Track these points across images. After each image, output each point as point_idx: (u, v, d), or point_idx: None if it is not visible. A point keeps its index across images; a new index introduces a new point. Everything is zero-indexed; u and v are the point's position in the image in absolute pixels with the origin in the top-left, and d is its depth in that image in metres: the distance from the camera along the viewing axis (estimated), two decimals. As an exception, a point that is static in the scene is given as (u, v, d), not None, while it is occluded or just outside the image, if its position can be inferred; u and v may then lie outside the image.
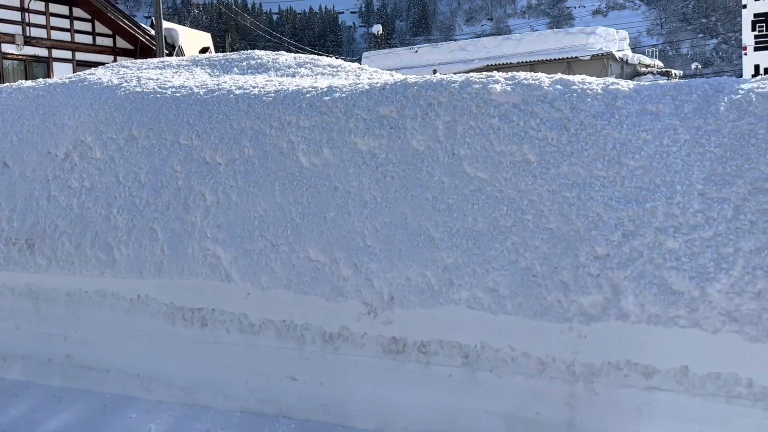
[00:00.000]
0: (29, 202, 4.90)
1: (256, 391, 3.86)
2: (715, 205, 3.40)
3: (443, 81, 4.56)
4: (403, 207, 3.92)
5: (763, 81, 4.12)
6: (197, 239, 4.25)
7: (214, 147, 4.66)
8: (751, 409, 3.00)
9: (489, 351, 3.45)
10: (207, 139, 4.72)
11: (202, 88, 5.30)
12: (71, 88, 5.71)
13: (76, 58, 21.34)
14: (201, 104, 5.03)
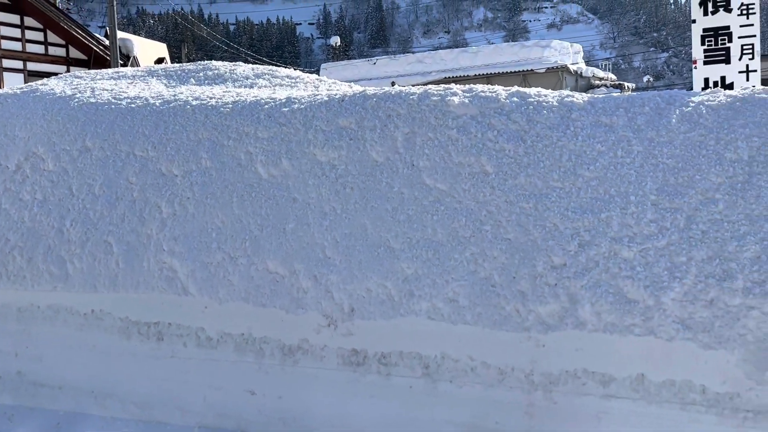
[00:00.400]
0: (-22, 216, 4.78)
1: (214, 406, 3.80)
2: (668, 215, 3.46)
3: (402, 93, 4.58)
4: (363, 218, 3.92)
5: (713, 94, 4.22)
6: (153, 252, 4.19)
7: (170, 158, 4.60)
8: (704, 415, 3.05)
9: (449, 361, 3.45)
10: (163, 151, 4.66)
11: (157, 98, 5.24)
12: (22, 98, 5.59)
13: (28, 68, 20.90)
14: (157, 115, 4.97)
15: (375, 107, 4.45)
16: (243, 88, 5.93)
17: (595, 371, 3.22)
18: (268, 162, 4.37)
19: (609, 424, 3.18)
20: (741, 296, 3.09)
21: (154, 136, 4.78)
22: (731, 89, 5.14)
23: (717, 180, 3.56)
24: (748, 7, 5.59)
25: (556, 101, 4.31)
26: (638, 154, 3.80)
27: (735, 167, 3.59)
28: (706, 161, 3.66)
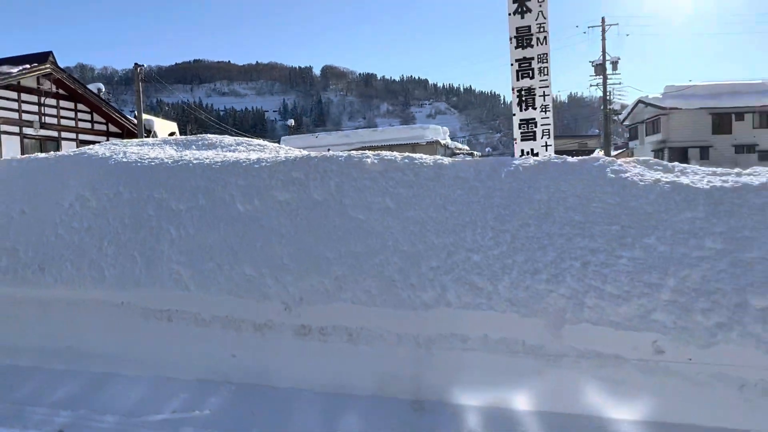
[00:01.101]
0: (41, 238, 4.44)
1: (208, 366, 3.63)
2: (500, 234, 3.56)
3: (334, 156, 4.58)
4: (308, 238, 3.87)
5: (526, 159, 4.40)
6: (165, 262, 3.99)
7: (178, 198, 4.43)
8: (524, 359, 3.09)
9: (366, 331, 3.42)
10: (173, 193, 4.49)
11: (169, 159, 5.04)
12: (75, 158, 5.30)
13: (79, 138, 19.68)
14: (169, 170, 4.78)
15: (316, 165, 4.43)
16: (228, 152, 5.79)
17: (457, 333, 3.24)
18: (244, 201, 4.27)
19: (466, 367, 3.20)
20: (545, 284, 3.19)
21: (167, 183, 4.59)
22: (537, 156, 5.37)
23: (529, 212, 3.69)
24: (545, 107, 5.89)
25: (431, 162, 4.40)
26: (482, 196, 3.91)
27: (540, 204, 3.73)
28: (522, 201, 3.79)
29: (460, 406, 3.08)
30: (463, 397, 3.11)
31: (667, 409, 2.82)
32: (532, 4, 5.88)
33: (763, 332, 2.76)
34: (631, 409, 2.86)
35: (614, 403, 2.89)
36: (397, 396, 3.23)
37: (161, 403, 3.33)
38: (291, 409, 3.23)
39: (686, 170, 4.04)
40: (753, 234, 3.16)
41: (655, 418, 2.83)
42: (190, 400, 3.37)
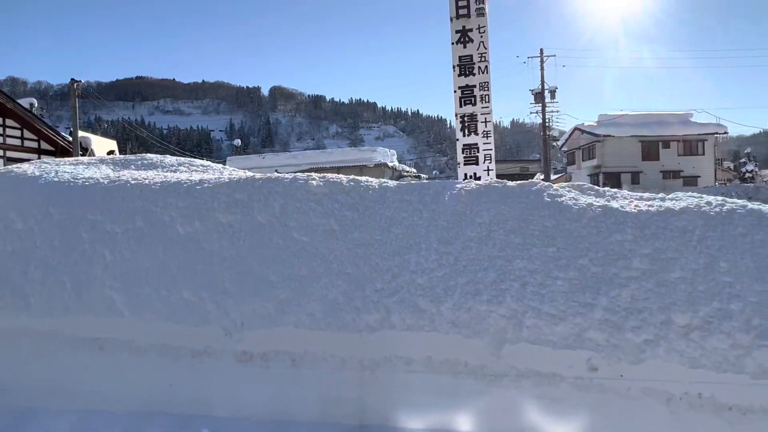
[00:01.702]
0: (-45, 263, 4.11)
1: (142, 396, 3.43)
2: (443, 257, 3.62)
3: (279, 178, 4.54)
4: (252, 261, 3.79)
5: (468, 183, 4.53)
6: (98, 288, 3.79)
7: (114, 220, 4.24)
8: (466, 380, 3.13)
9: (309, 355, 3.36)
10: (108, 215, 4.29)
11: (105, 179, 4.84)
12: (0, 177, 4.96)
13: (7, 156, 18.47)
14: (105, 190, 4.58)
15: (260, 186, 4.37)
16: (169, 172, 5.61)
17: (401, 356, 3.24)
18: (184, 223, 4.14)
19: (411, 389, 3.19)
20: (486, 305, 3.26)
21: (102, 204, 4.39)
22: (479, 180, 5.54)
23: (471, 234, 3.78)
24: (487, 133, 6.11)
25: (377, 185, 4.44)
26: (426, 219, 3.97)
27: (482, 227, 3.83)
28: (465, 223, 3.88)
29: (405, 429, 3.07)
30: (408, 421, 3.10)
31: (602, 424, 2.92)
32: (474, 34, 6.13)
33: (686, 348, 2.93)
34: (568, 426, 2.94)
35: (552, 421, 2.96)
36: (341, 421, 3.18)
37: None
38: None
39: (616, 195, 4.28)
40: (675, 255, 3.38)
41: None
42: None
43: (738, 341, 2.89)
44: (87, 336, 3.67)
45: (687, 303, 3.08)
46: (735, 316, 2.99)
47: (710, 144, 36.09)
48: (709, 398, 2.83)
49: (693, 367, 2.87)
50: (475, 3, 6.12)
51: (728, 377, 2.82)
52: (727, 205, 3.80)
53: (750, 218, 3.62)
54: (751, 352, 2.85)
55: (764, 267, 3.23)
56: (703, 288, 3.15)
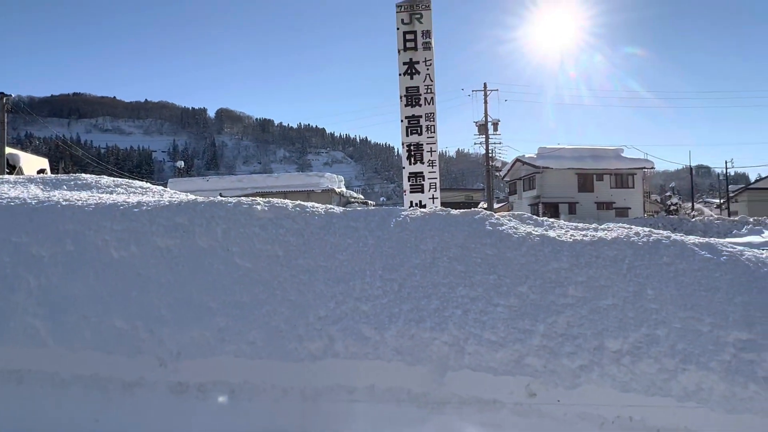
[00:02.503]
0: None
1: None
2: (388, 283, 3.63)
3: (222, 202, 4.44)
4: (191, 287, 3.65)
5: (414, 210, 4.60)
6: (20, 315, 3.53)
7: (40, 243, 3.99)
8: (410, 407, 3.11)
9: (249, 385, 3.25)
10: (35, 237, 4.03)
11: (33, 199, 4.56)
12: None
13: None
14: (32, 211, 4.31)
15: (203, 210, 4.26)
16: (105, 194, 5.37)
17: (344, 385, 3.19)
18: (120, 247, 3.95)
19: (354, 419, 3.14)
20: (429, 332, 3.28)
21: (29, 226, 4.13)
22: (424, 208, 5.63)
23: (416, 262, 3.82)
24: (432, 162, 6.26)
25: (323, 211, 4.43)
26: (371, 245, 3.98)
27: (426, 254, 3.89)
28: (409, 250, 3.92)
29: (346, 460, 3.00)
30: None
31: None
32: (421, 66, 6.33)
33: (617, 372, 3.05)
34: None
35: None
36: (281, 454, 3.07)
37: (0, 482, 2.86)
38: (161, 477, 2.93)
39: (553, 225, 4.47)
40: (607, 283, 3.55)
41: (529, 459, 2.96)
42: (38, 475, 2.92)
43: (664, 365, 3.05)
44: (4, 367, 3.39)
45: (618, 329, 3.23)
46: (661, 341, 3.16)
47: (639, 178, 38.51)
48: (639, 421, 2.95)
49: (624, 391, 2.99)
50: (422, 37, 6.33)
51: (656, 400, 2.96)
52: (654, 236, 4.05)
53: (674, 248, 3.87)
54: (676, 376, 3.01)
55: (687, 294, 3.44)
56: (633, 314, 3.32)
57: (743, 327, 3.20)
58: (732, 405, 2.90)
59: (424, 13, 6.19)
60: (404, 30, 6.31)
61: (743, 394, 2.92)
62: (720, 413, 2.89)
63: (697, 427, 2.90)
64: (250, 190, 31.02)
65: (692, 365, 3.02)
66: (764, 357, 3.05)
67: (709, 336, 3.17)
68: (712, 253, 3.85)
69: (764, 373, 2.98)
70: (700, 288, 3.49)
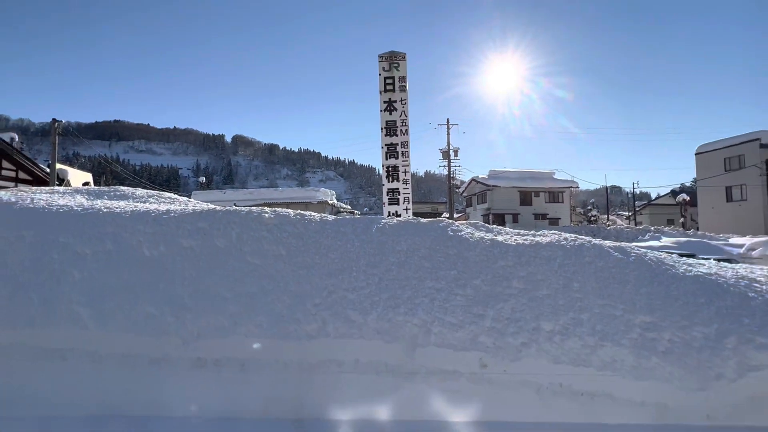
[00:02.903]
0: None
1: (100, 401, 3.06)
2: (370, 277, 3.61)
3: (236, 210, 4.37)
4: (209, 280, 3.58)
5: (391, 219, 4.59)
6: (65, 303, 3.40)
7: (84, 243, 3.86)
8: (387, 377, 3.08)
9: (255, 360, 3.18)
10: (79, 238, 3.90)
11: (79, 207, 4.42)
12: (-28, 201, 4.38)
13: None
14: (78, 217, 4.18)
15: (221, 217, 4.18)
16: (139, 203, 5.24)
17: (334, 359, 3.14)
18: (151, 247, 3.85)
19: (343, 387, 3.09)
20: (403, 316, 3.26)
21: (74, 229, 4.00)
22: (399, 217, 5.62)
23: (393, 260, 3.81)
24: (406, 181, 6.28)
25: (318, 218, 4.39)
26: (357, 246, 3.97)
27: (400, 254, 3.88)
28: (388, 250, 3.92)
29: (335, 420, 2.96)
30: (339, 413, 2.99)
31: (490, 410, 2.98)
32: (397, 105, 6.36)
33: (551, 348, 3.08)
34: (465, 412, 2.97)
35: (454, 408, 2.98)
36: (282, 416, 3.01)
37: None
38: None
39: (501, 231, 4.52)
40: (543, 277, 3.59)
41: (481, 418, 2.96)
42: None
43: (587, 342, 3.09)
44: (51, 347, 3.25)
45: (551, 314, 3.27)
46: (584, 323, 3.20)
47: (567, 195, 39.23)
48: (567, 387, 2.98)
49: (556, 363, 3.02)
50: (398, 81, 6.36)
51: (580, 370, 2.99)
52: (579, 240, 4.12)
53: (594, 250, 3.95)
54: (596, 351, 3.05)
55: (604, 286, 3.51)
56: (563, 302, 3.36)
57: (647, 312, 3.27)
58: (639, 373, 2.95)
59: (401, 63, 6.23)
60: (385, 75, 6.34)
61: (647, 365, 2.97)
62: (629, 380, 2.94)
63: (612, 390, 2.94)
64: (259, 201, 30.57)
65: (608, 342, 3.07)
66: (663, 335, 3.12)
67: (621, 319, 3.23)
68: (623, 254, 3.93)
69: (663, 348, 3.05)
70: (614, 281, 3.56)
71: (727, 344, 3.02)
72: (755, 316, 3.20)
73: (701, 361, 2.97)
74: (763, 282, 3.66)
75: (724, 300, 3.37)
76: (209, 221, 4.13)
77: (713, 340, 3.06)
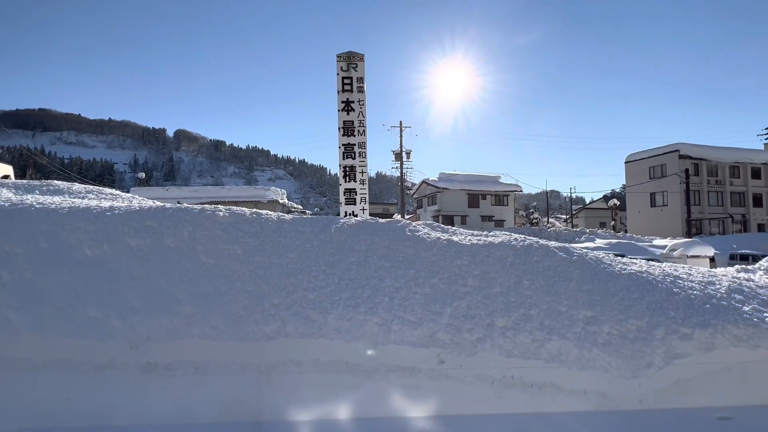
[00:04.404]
0: None
1: (37, 413, 2.81)
2: (330, 277, 3.59)
3: (188, 208, 4.18)
4: (160, 281, 3.40)
5: (349, 219, 4.60)
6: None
7: (14, 241, 3.53)
8: (347, 376, 3.09)
9: (212, 363, 3.07)
10: (8, 236, 3.56)
11: (6, 201, 4.03)
12: None
13: None
14: (5, 212, 3.81)
15: (171, 215, 3.99)
16: (77, 199, 4.85)
17: (294, 359, 3.11)
18: (93, 245, 3.59)
19: (301, 388, 3.06)
20: (363, 315, 3.28)
21: (2, 226, 3.63)
22: (357, 217, 5.64)
23: (352, 259, 3.82)
24: (363, 181, 6.31)
25: (275, 217, 4.31)
26: (315, 246, 3.94)
27: (359, 253, 3.91)
28: (346, 250, 3.92)
29: (295, 422, 2.93)
30: (298, 414, 2.96)
31: (448, 404, 3.08)
32: (355, 105, 6.38)
33: (503, 343, 3.25)
34: (424, 407, 3.05)
35: (413, 404, 3.05)
36: (240, 420, 2.93)
37: (-30, 461, 2.47)
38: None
39: (456, 231, 4.68)
40: (496, 276, 3.77)
41: (439, 413, 3.05)
42: (9, 452, 2.56)
43: (536, 337, 3.29)
44: (-26, 356, 2.94)
45: (504, 310, 3.44)
46: (534, 318, 3.41)
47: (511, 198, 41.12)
48: (519, 379, 3.15)
49: (508, 357, 3.18)
50: (356, 82, 6.38)
51: (530, 363, 3.18)
52: (528, 241, 4.36)
53: (541, 250, 4.20)
54: (544, 344, 3.25)
55: (551, 284, 3.74)
56: (514, 299, 3.55)
57: (588, 307, 3.54)
58: (582, 364, 3.19)
59: (359, 64, 6.26)
60: (343, 75, 6.34)
61: (589, 356, 3.22)
62: (574, 371, 3.16)
63: (559, 381, 3.15)
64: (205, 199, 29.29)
65: (555, 336, 3.29)
66: (603, 329, 3.39)
67: (566, 314, 3.47)
68: (567, 254, 4.22)
69: (602, 340, 3.31)
70: (559, 279, 3.81)
71: (656, 335, 3.34)
72: (679, 309, 3.57)
73: (635, 350, 3.26)
74: (684, 279, 4.09)
75: (653, 295, 3.72)
76: (157, 219, 3.92)
77: (645, 332, 3.37)
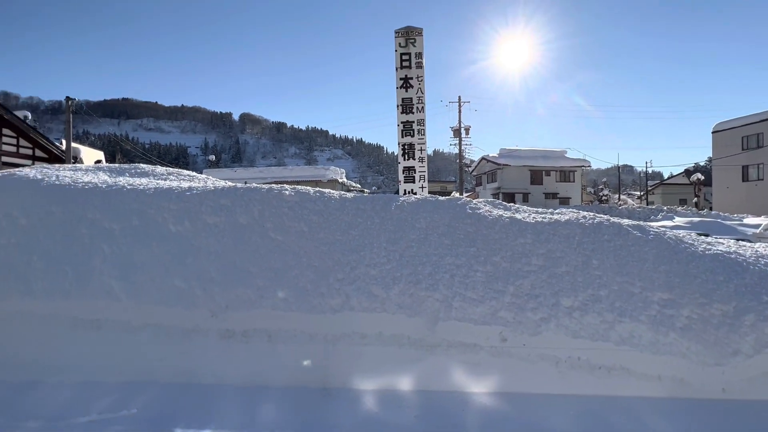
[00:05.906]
0: (-41, 254, 3.67)
1: (136, 368, 3.21)
2: (391, 254, 3.67)
3: (257, 188, 4.43)
4: (234, 256, 3.67)
5: (408, 197, 4.62)
6: (97, 276, 3.53)
7: (112, 219, 3.96)
8: (409, 350, 3.18)
9: (282, 332, 3.29)
10: (106, 214, 4.00)
11: (103, 183, 4.51)
12: (2, 179, 4.49)
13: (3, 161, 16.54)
14: (103, 193, 4.27)
15: (242, 194, 4.25)
16: (160, 180, 5.32)
17: (358, 332, 3.24)
18: (176, 222, 3.94)
19: (365, 358, 3.19)
20: (424, 291, 3.33)
21: (101, 205, 4.09)
22: (416, 195, 5.65)
23: (413, 236, 3.86)
24: (422, 158, 6.27)
25: (338, 196, 4.44)
26: (376, 223, 4.01)
27: (420, 231, 3.91)
28: (407, 228, 3.96)
29: (360, 390, 3.08)
30: (362, 383, 3.11)
31: (510, 382, 3.07)
32: (414, 82, 6.29)
33: (569, 323, 3.15)
34: (485, 383, 3.07)
35: (474, 379, 3.08)
36: (308, 385, 3.14)
37: (87, 406, 2.88)
38: (213, 402, 2.98)
39: (519, 209, 4.53)
40: (562, 255, 3.63)
41: (501, 389, 3.06)
42: (117, 401, 2.95)
43: (605, 318, 3.15)
44: (86, 317, 3.40)
45: (570, 290, 3.32)
46: (603, 300, 3.25)
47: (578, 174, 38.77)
48: (585, 360, 3.06)
49: (574, 338, 3.09)
50: (415, 57, 6.28)
51: (598, 344, 3.06)
52: (597, 219, 4.13)
53: (612, 228, 3.96)
54: (614, 326, 3.11)
55: (623, 264, 3.54)
56: (581, 279, 3.41)
57: (665, 289, 3.31)
58: (656, 348, 3.01)
59: (417, 39, 6.14)
60: (401, 52, 6.26)
61: (665, 341, 3.03)
62: (647, 354, 3.00)
63: (630, 365, 3.01)
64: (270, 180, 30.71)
65: (626, 318, 3.13)
66: (681, 312, 3.16)
67: (640, 296, 3.28)
68: (642, 233, 3.94)
69: (681, 325, 3.09)
70: (632, 259, 3.59)
71: (745, 321, 3.06)
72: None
73: (719, 337, 3.02)
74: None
75: (743, 278, 3.39)
76: (231, 198, 4.19)
77: (731, 317, 3.10)
